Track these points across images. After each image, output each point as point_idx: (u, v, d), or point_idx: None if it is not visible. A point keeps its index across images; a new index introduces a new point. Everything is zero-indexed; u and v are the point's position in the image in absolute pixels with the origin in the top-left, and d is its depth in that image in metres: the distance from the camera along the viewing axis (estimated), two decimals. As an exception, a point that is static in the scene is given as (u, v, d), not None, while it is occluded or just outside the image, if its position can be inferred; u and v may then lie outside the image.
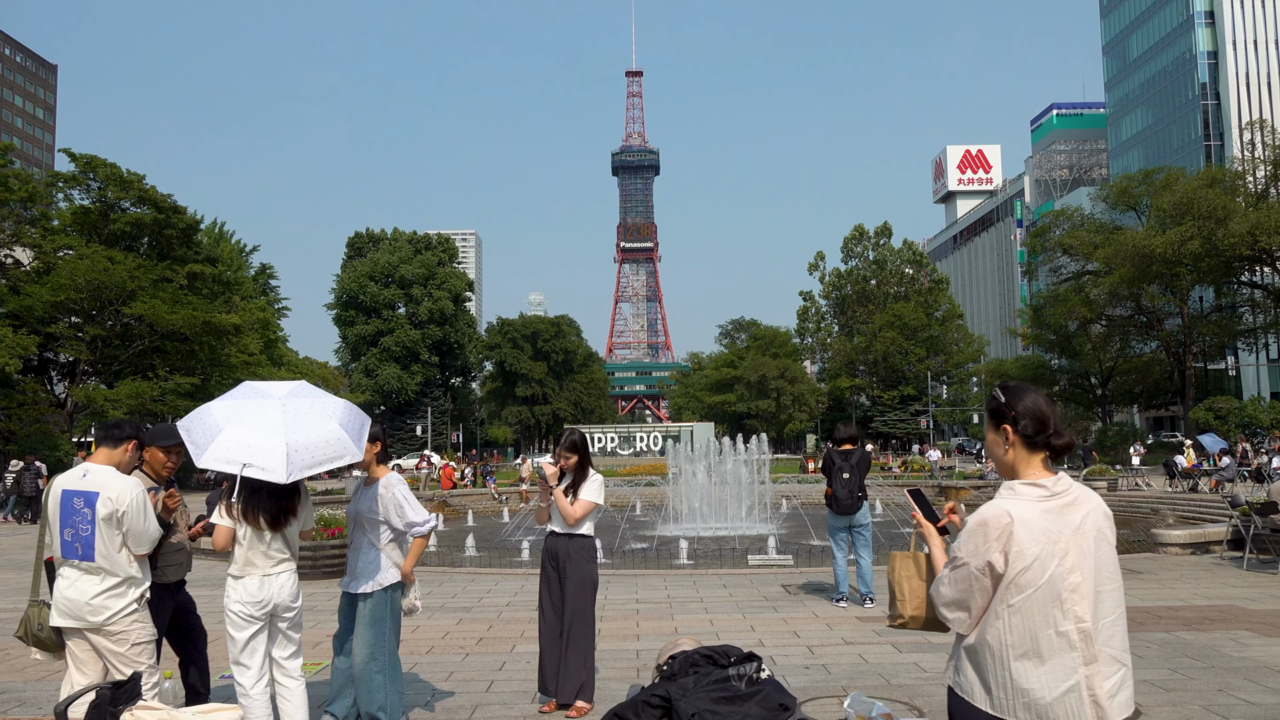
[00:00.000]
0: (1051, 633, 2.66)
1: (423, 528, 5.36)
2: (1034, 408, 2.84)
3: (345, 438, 4.76)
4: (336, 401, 5.13)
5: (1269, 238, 39.11)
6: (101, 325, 39.43)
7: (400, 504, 5.31)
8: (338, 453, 4.69)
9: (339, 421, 4.83)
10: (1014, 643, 2.67)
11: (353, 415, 5.07)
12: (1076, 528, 2.73)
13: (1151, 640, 7.91)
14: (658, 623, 9.12)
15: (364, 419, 5.17)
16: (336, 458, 4.70)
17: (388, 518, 5.33)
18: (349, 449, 4.74)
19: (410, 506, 5.35)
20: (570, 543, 6.23)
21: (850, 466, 9.67)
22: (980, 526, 2.74)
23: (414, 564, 5.42)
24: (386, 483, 5.37)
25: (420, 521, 5.36)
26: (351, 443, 4.78)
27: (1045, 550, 2.67)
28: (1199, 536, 13.57)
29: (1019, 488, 2.78)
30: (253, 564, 4.90)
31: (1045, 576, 2.66)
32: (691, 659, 3.75)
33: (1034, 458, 2.82)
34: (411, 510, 5.35)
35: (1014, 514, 2.70)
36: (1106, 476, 28.59)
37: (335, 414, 4.88)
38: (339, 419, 4.85)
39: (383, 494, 5.31)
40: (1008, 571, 2.67)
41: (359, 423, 5.07)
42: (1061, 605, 2.66)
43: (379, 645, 5.22)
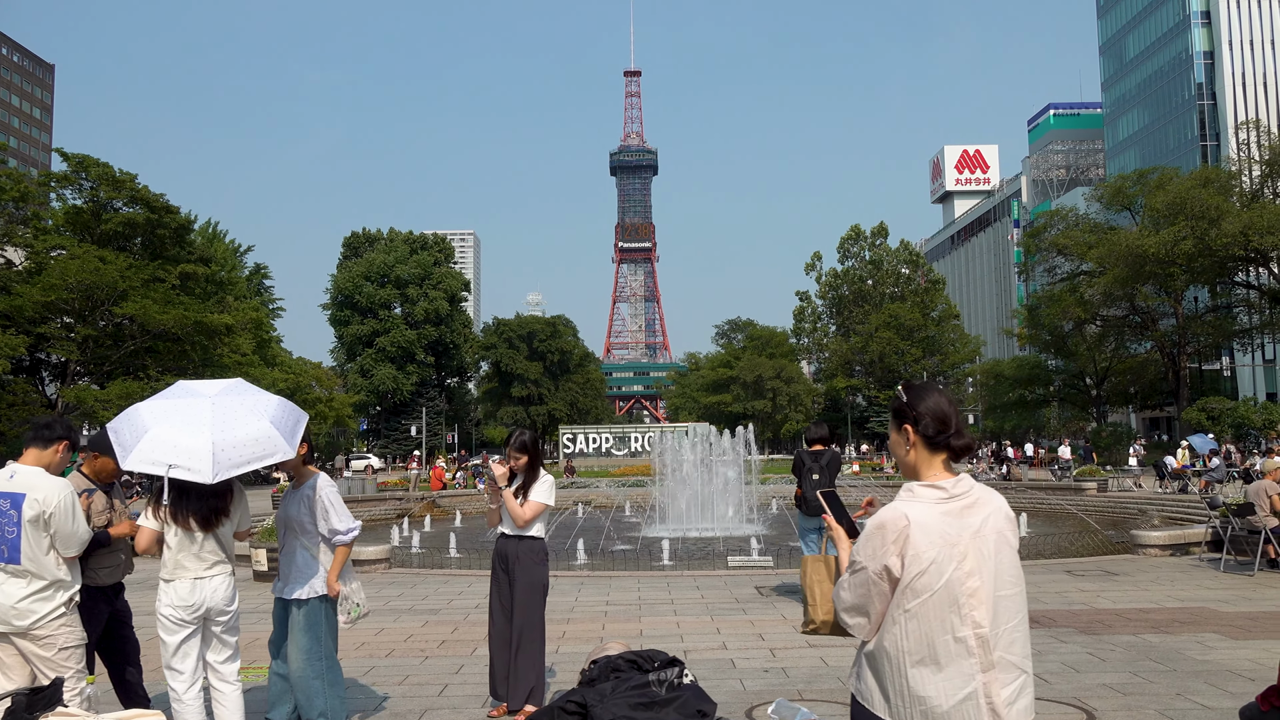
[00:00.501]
0: (949, 639, 2.59)
1: (345, 536, 5.21)
2: (936, 408, 2.77)
3: (275, 435, 4.68)
4: (270, 399, 5.05)
5: (1261, 238, 39.04)
6: (92, 325, 39.36)
7: (327, 507, 5.20)
8: (267, 451, 4.62)
9: (270, 419, 4.75)
10: (911, 649, 2.60)
11: (286, 412, 4.99)
12: (976, 531, 2.66)
13: (1117, 643, 7.84)
14: (624, 625, 9.04)
15: (299, 416, 5.08)
16: (266, 456, 4.63)
17: (316, 520, 5.24)
18: (279, 447, 4.66)
19: (335, 511, 5.22)
20: (520, 545, 6.14)
21: (820, 468, 9.60)
22: (878, 530, 2.67)
23: (337, 575, 5.22)
24: (315, 484, 5.27)
25: (344, 530, 5.20)
26: (283, 440, 4.70)
27: (943, 554, 2.60)
28: (1179, 538, 13.50)
29: (917, 489, 2.71)
30: (184, 567, 4.82)
31: (942, 581, 2.59)
32: (614, 664, 3.67)
33: (935, 459, 2.75)
34: (336, 515, 5.21)
35: (911, 516, 2.63)
36: (1096, 477, 28.52)
37: (267, 411, 4.81)
38: (270, 416, 4.77)
39: (311, 496, 5.21)
40: (904, 576, 2.61)
41: (293, 420, 4.99)
42: (959, 610, 2.59)
43: (315, 651, 5.13)
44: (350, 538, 5.24)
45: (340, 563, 5.23)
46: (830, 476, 9.64)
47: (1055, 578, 11.41)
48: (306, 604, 5.18)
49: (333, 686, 5.19)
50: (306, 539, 5.21)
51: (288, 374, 51.70)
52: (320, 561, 5.28)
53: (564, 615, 9.55)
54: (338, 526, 5.20)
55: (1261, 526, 11.39)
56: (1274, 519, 11.39)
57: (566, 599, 10.55)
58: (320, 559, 5.29)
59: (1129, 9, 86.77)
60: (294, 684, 5.12)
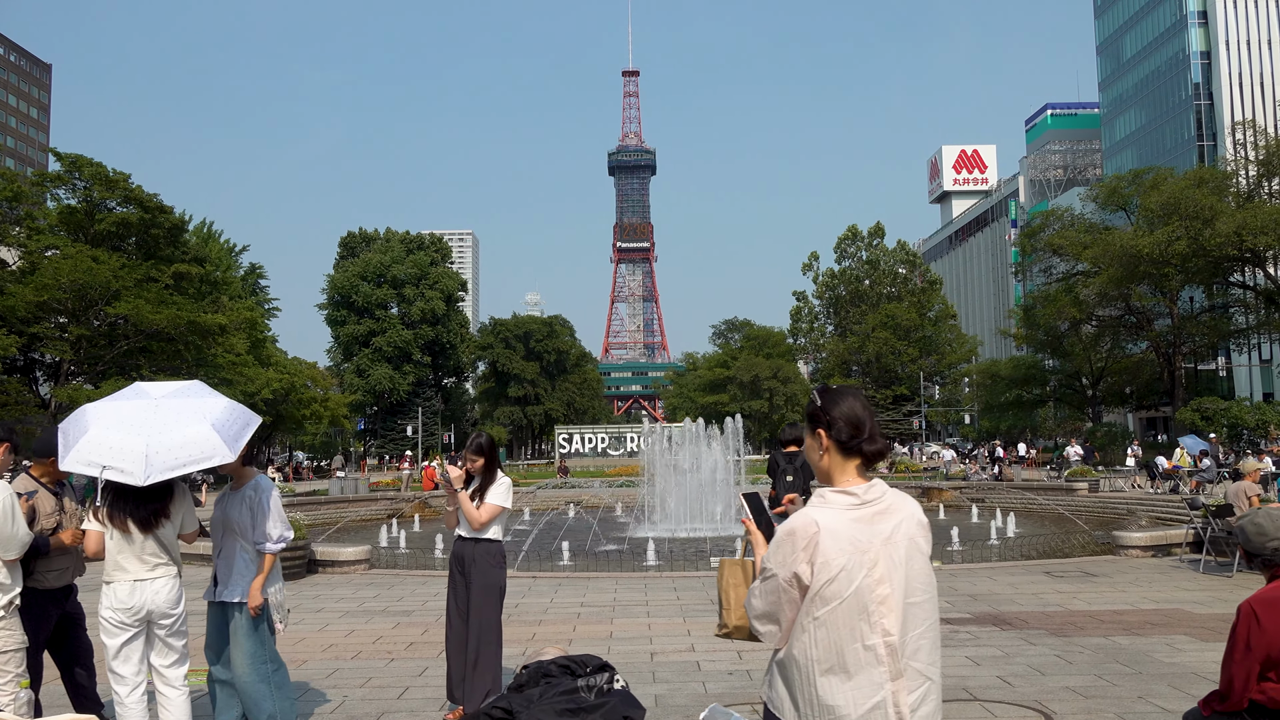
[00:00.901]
0: (858, 647, 2.56)
1: (275, 544, 5.11)
2: (850, 413, 2.73)
3: (214, 439, 4.63)
4: (218, 402, 5.01)
5: (1255, 238, 38.97)
6: (86, 325, 39.28)
7: (266, 511, 5.13)
8: (204, 454, 4.57)
9: (212, 422, 4.70)
10: (819, 657, 2.57)
11: (233, 416, 4.94)
12: (887, 537, 2.63)
13: (1086, 645, 7.81)
14: (596, 627, 9.01)
15: (247, 421, 5.03)
16: (202, 459, 4.58)
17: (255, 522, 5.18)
18: (218, 450, 4.61)
19: (273, 517, 5.13)
20: (477, 547, 6.10)
21: (795, 469, 9.53)
22: (788, 536, 2.63)
23: (261, 585, 5.08)
24: (257, 486, 5.21)
25: (275, 537, 5.11)
26: (223, 444, 4.65)
27: (853, 561, 2.56)
28: (1160, 539, 13.46)
29: (829, 495, 2.68)
30: (123, 569, 4.78)
31: (852, 588, 2.55)
32: (545, 669, 3.63)
33: (849, 464, 2.71)
34: (270, 521, 5.12)
35: (821, 523, 2.59)
36: (1088, 478, 28.48)
37: (209, 415, 4.76)
38: (212, 420, 4.73)
39: (253, 497, 5.15)
40: (813, 583, 2.57)
41: (239, 425, 4.94)
42: (869, 618, 2.56)
43: (260, 654, 5.07)
44: (280, 547, 5.15)
45: (267, 572, 5.11)
46: (805, 478, 9.57)
47: (1033, 579, 11.38)
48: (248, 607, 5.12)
49: (280, 689, 5.13)
50: (247, 541, 5.15)
51: (282, 374, 51.59)
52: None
53: (536, 617, 9.52)
54: (271, 532, 5.10)
55: (1240, 528, 11.34)
56: (1253, 520, 11.35)
57: (542, 600, 10.51)
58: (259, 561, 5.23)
59: (1126, 9, 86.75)
60: (240, 689, 5.06)
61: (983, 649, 7.73)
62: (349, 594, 11.18)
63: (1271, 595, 3.83)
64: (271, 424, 57.14)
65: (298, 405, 54.44)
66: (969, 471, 32.85)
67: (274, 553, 5.12)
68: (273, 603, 5.10)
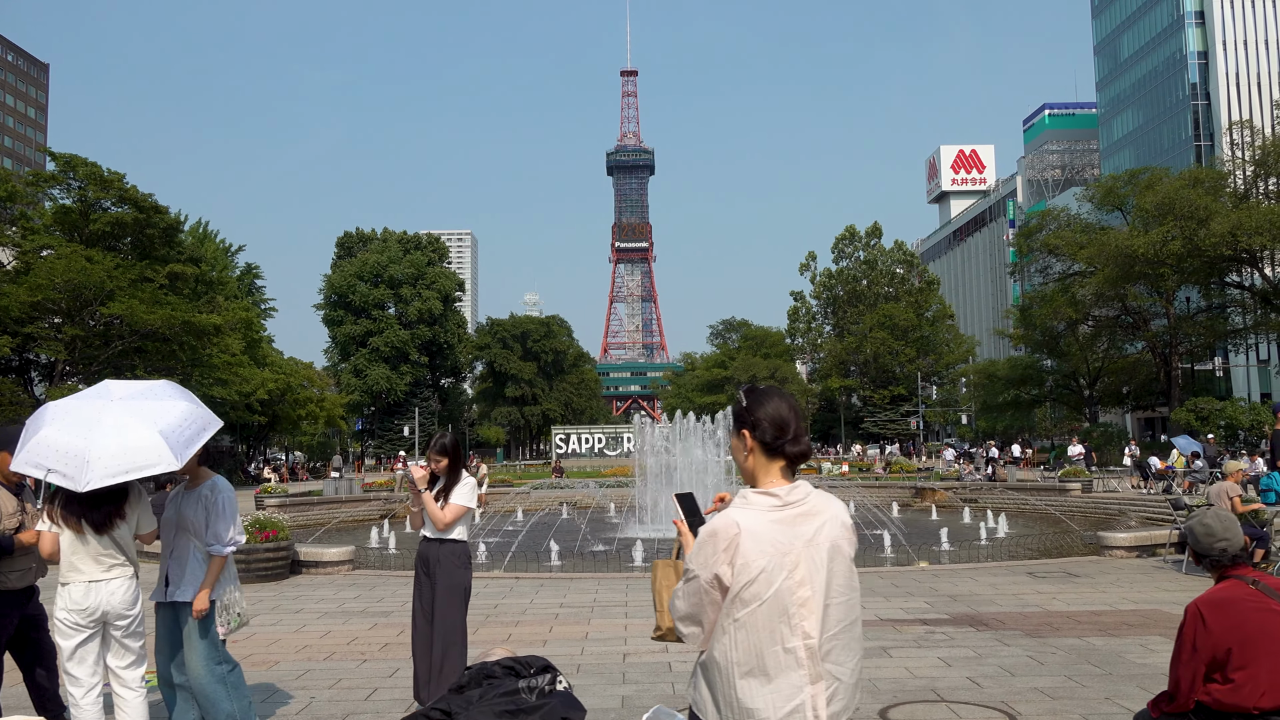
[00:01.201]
0: (778, 649, 2.54)
1: (225, 547, 5.05)
2: (775, 414, 2.72)
3: (161, 446, 4.56)
4: (176, 406, 4.94)
5: (1250, 238, 38.94)
6: (80, 325, 39.27)
7: (219, 512, 5.08)
8: (148, 461, 4.52)
9: (160, 429, 4.65)
10: (740, 659, 2.56)
11: (187, 422, 4.88)
12: (809, 539, 2.61)
13: (1060, 646, 7.79)
14: (572, 628, 8.99)
15: (203, 426, 4.96)
16: (145, 466, 4.53)
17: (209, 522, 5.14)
18: (163, 458, 4.55)
19: (226, 518, 5.08)
20: (442, 548, 6.10)
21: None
22: (710, 538, 2.62)
23: (210, 588, 5.02)
24: (214, 486, 5.18)
25: (226, 540, 5.05)
26: (169, 452, 4.58)
27: (773, 563, 2.55)
28: (1145, 539, 13.45)
29: (751, 496, 2.66)
30: (78, 569, 4.76)
31: (772, 590, 2.54)
32: (488, 670, 3.60)
33: (773, 465, 2.70)
34: (224, 523, 5.06)
35: (742, 524, 2.58)
36: (1081, 478, 28.44)
37: (160, 420, 4.70)
38: (161, 426, 4.67)
39: (209, 497, 5.11)
40: (733, 584, 2.56)
41: (193, 430, 4.88)
42: (789, 620, 2.55)
43: (214, 655, 5.04)
44: (231, 550, 5.10)
45: (215, 575, 5.05)
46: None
47: (1015, 579, 11.37)
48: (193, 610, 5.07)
49: (236, 689, 5.09)
50: (200, 541, 5.12)
51: (278, 374, 51.60)
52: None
53: (514, 618, 9.51)
54: (222, 534, 5.04)
55: (1222, 528, 11.33)
56: (1235, 521, 11.34)
57: (522, 601, 10.50)
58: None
59: (1123, 9, 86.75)
60: (196, 691, 5.02)
61: (956, 650, 7.72)
62: (330, 595, 11.17)
63: (1218, 596, 3.82)
64: (267, 424, 57.19)
65: (293, 405, 54.46)
66: (963, 472, 32.80)
67: (223, 554, 5.06)
68: (219, 605, 5.06)
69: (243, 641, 8.51)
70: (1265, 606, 3.74)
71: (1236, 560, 3.92)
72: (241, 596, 5.26)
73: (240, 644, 8.40)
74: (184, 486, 5.26)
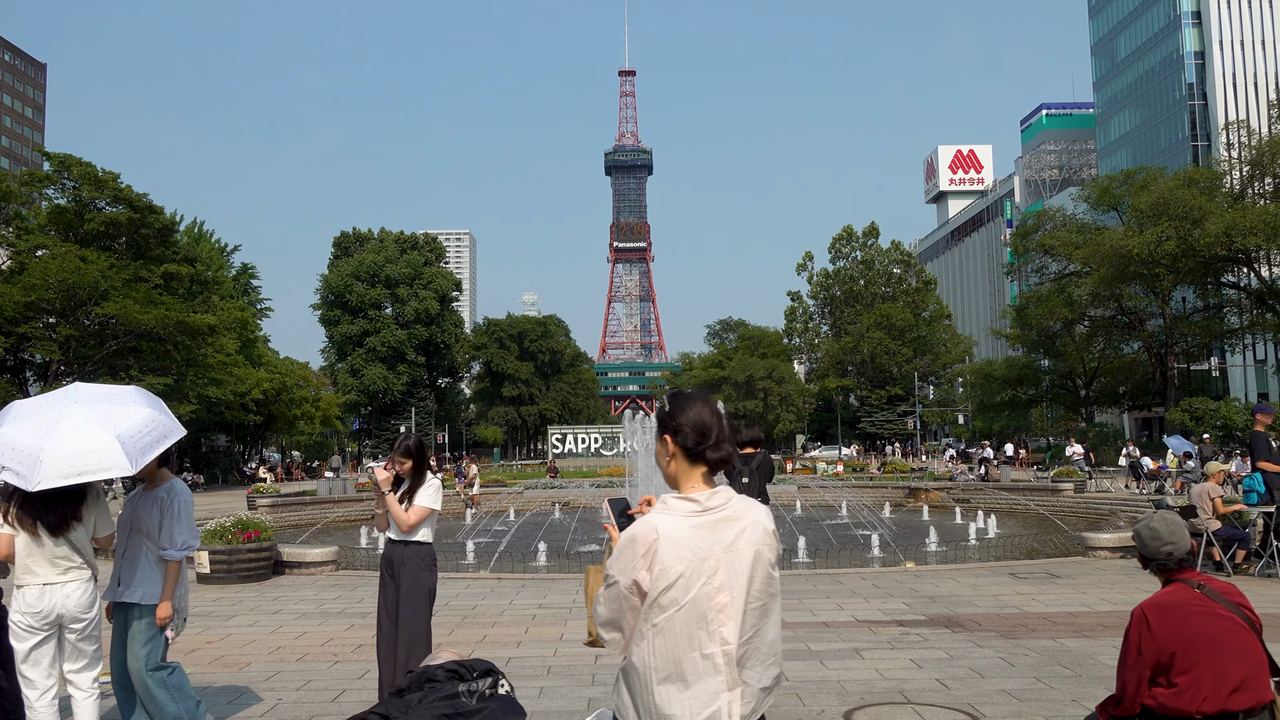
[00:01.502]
0: (696, 655, 2.53)
1: (179, 551, 5.04)
2: (697, 419, 2.71)
3: (116, 450, 4.56)
4: (140, 412, 4.93)
5: (1244, 238, 38.96)
6: (74, 325, 39.25)
7: (173, 515, 5.06)
8: (101, 465, 4.52)
9: (118, 433, 4.64)
10: (657, 665, 2.55)
11: (148, 429, 4.86)
12: (729, 545, 2.60)
13: (1032, 648, 7.79)
14: (548, 629, 8.98)
15: (165, 434, 4.94)
16: (98, 470, 4.52)
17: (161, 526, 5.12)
18: (117, 463, 4.54)
19: (179, 523, 5.06)
20: (406, 550, 6.08)
21: (750, 470, 9.49)
22: (630, 543, 2.61)
23: (170, 597, 5.00)
24: (171, 488, 5.17)
25: (180, 544, 5.03)
26: (124, 456, 4.57)
27: (691, 568, 2.54)
28: (1128, 540, 13.42)
29: (671, 501, 2.65)
30: (32, 572, 4.75)
31: (690, 596, 2.53)
32: (430, 673, 3.58)
33: (695, 470, 2.69)
34: (179, 527, 5.04)
35: (661, 529, 2.57)
36: (1074, 478, 28.44)
37: (119, 425, 4.70)
38: (120, 430, 4.66)
39: (165, 499, 5.09)
40: (651, 590, 2.55)
41: (153, 437, 4.85)
42: (707, 627, 2.54)
43: (155, 658, 5.01)
44: (184, 554, 5.08)
45: (174, 582, 5.03)
46: (762, 479, 9.54)
47: (997, 580, 11.36)
48: (150, 609, 5.06)
49: (179, 690, 5.04)
50: (153, 543, 5.10)
51: (273, 374, 51.56)
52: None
53: (491, 619, 9.50)
54: (176, 538, 5.02)
55: (1203, 529, 11.33)
56: (1216, 522, 11.34)
57: (501, 602, 10.49)
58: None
59: (1120, 9, 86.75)
60: (140, 693, 5.00)
61: (929, 651, 7.71)
62: (310, 595, 11.16)
63: (1164, 600, 3.81)
64: (263, 424, 57.16)
65: (289, 405, 54.42)
66: (955, 472, 32.78)
67: (177, 559, 5.04)
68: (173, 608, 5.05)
69: (217, 642, 8.51)
70: (1209, 610, 3.74)
71: (1182, 564, 3.91)
72: (186, 593, 5.27)
73: (214, 645, 8.41)
74: (142, 488, 5.24)
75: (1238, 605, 3.78)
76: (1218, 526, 11.29)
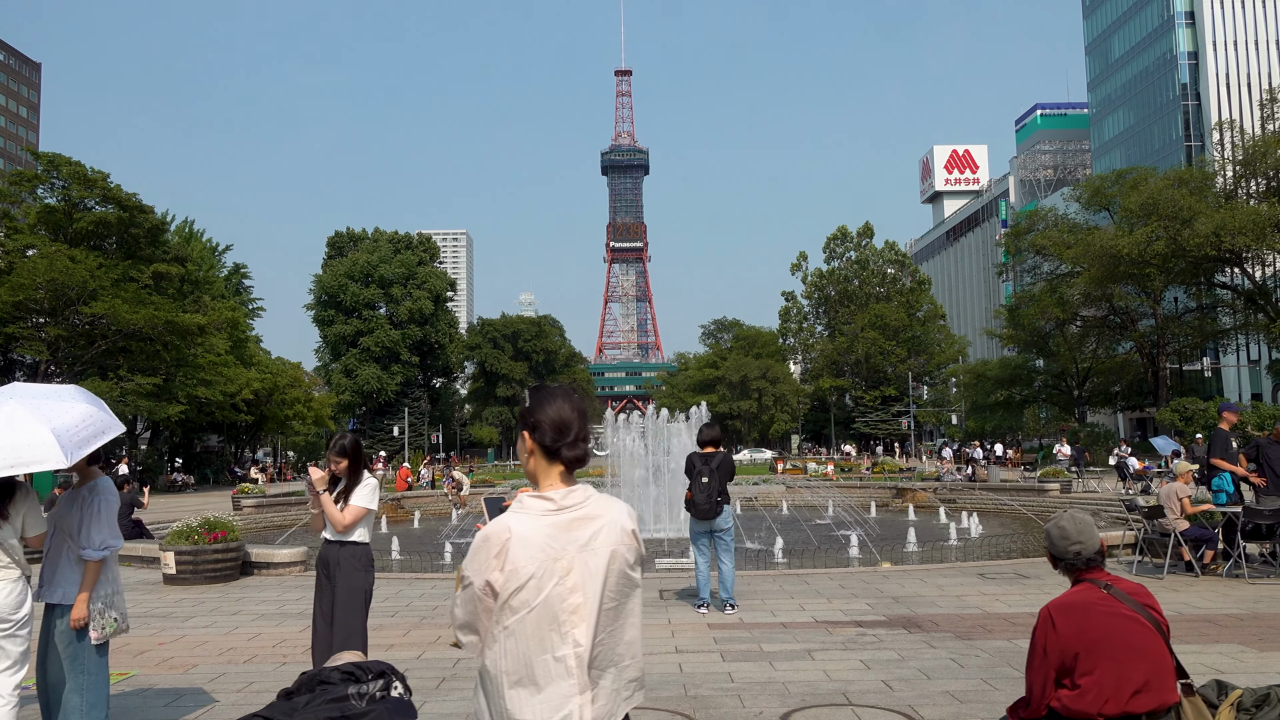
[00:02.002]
0: (548, 658, 2.48)
1: (96, 551, 4.93)
2: (556, 416, 2.66)
3: (50, 443, 4.50)
4: (77, 408, 4.86)
5: (1233, 238, 38.94)
6: (62, 325, 39.18)
7: (93, 514, 4.99)
8: (35, 457, 4.47)
9: (54, 427, 4.59)
10: (509, 669, 2.49)
11: (84, 424, 4.79)
12: (584, 544, 2.55)
13: (986, 649, 7.74)
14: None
15: (102, 430, 4.87)
16: (31, 462, 4.47)
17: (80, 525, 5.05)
18: (51, 455, 4.48)
19: (99, 522, 4.96)
20: (342, 550, 6.04)
21: (710, 470, 9.47)
22: (483, 543, 2.56)
23: (87, 597, 4.88)
24: (94, 487, 5.10)
25: (98, 544, 4.93)
26: (58, 449, 4.51)
27: (543, 569, 2.49)
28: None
29: (527, 501, 2.61)
30: (-45, 572, 4.68)
31: (541, 597, 2.48)
32: (324, 675, 3.54)
33: (553, 468, 2.64)
34: (98, 527, 4.95)
35: (514, 529, 2.52)
36: (1060, 479, 28.39)
37: (55, 420, 4.64)
38: (54, 425, 4.61)
39: (86, 499, 5.02)
40: (502, 591, 2.50)
41: (90, 432, 4.78)
42: (559, 628, 2.48)
43: (78, 663, 4.92)
44: (103, 555, 4.99)
45: (91, 582, 4.93)
46: (721, 479, 9.52)
47: (965, 580, 11.31)
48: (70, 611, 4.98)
49: (93, 709, 4.93)
50: (75, 542, 5.03)
51: (264, 374, 51.48)
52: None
53: (447, 621, 9.44)
54: (94, 538, 4.92)
55: (1171, 529, 11.29)
56: (1184, 522, 11.30)
57: (463, 603, 10.41)
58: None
59: (1114, 9, 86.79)
60: (51, 697, 4.92)
61: (881, 652, 7.66)
62: (274, 596, 11.10)
63: (1070, 600, 3.76)
64: (255, 424, 57.10)
65: (280, 405, 54.36)
66: (942, 472, 32.75)
67: (95, 560, 4.95)
68: (93, 609, 4.96)
69: (169, 644, 8.46)
70: (1115, 611, 3.69)
71: (1091, 564, 3.87)
72: (121, 600, 5.18)
73: (165, 646, 8.35)
74: (73, 487, 5.18)
75: (1145, 606, 3.74)
76: (1185, 527, 11.25)
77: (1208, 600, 9.89)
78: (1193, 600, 9.91)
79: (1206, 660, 7.27)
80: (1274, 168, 42.20)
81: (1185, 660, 7.29)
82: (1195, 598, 10.05)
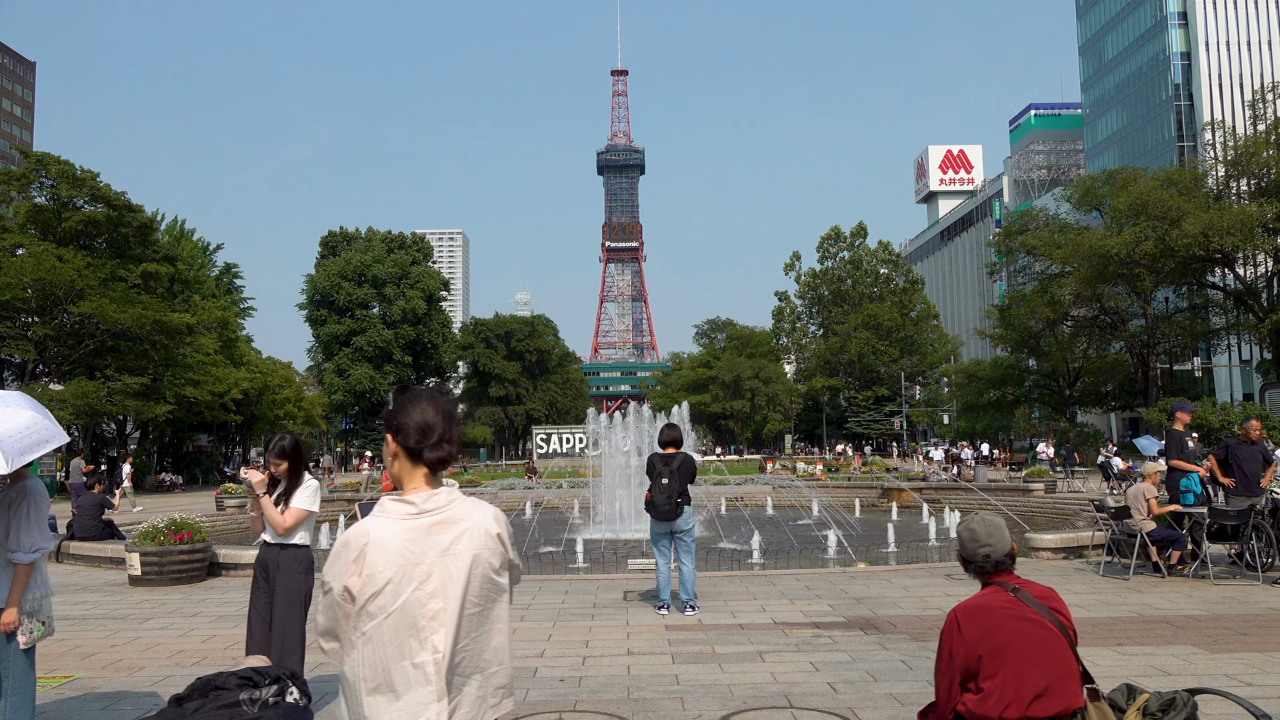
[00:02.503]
0: (407, 665, 2.45)
1: (27, 554, 4.84)
2: (420, 418, 2.64)
3: None
4: (21, 415, 4.81)
5: (1222, 239, 38.98)
6: (50, 324, 39.09)
7: (23, 516, 4.89)
8: None
9: None
10: (367, 675, 2.47)
11: (29, 431, 4.72)
12: (445, 549, 2.52)
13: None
14: (462, 631, 8.87)
15: (45, 439, 4.80)
16: None
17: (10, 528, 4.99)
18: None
19: (28, 524, 4.87)
20: (283, 553, 6.00)
21: (670, 471, 9.44)
22: (343, 548, 2.54)
23: (17, 602, 4.81)
24: (24, 489, 5.03)
25: (29, 546, 4.85)
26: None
27: (401, 573, 2.46)
28: (1070, 540, 13.41)
29: (387, 504, 2.58)
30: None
31: (399, 602, 2.46)
32: (219, 680, 3.50)
33: (416, 471, 2.62)
34: (28, 529, 4.86)
35: (372, 533, 2.50)
36: (1045, 478, 28.38)
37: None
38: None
39: (15, 500, 4.96)
40: (359, 597, 2.47)
41: (30, 440, 4.71)
42: (418, 634, 2.46)
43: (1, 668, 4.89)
44: (33, 557, 4.91)
45: (22, 586, 4.85)
46: (682, 480, 9.49)
47: (931, 581, 11.29)
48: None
49: (17, 712, 4.86)
50: (3, 546, 4.97)
51: (254, 373, 51.40)
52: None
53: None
54: (24, 541, 4.84)
55: (1138, 530, 11.28)
56: (1151, 523, 11.29)
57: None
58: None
59: (1107, 10, 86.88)
60: None
61: (833, 654, 7.63)
62: (237, 598, 11.05)
63: (976, 604, 3.74)
64: (245, 424, 56.97)
65: (271, 405, 54.26)
66: (928, 472, 32.74)
67: (26, 563, 4.90)
68: (22, 614, 4.91)
69: (121, 646, 8.41)
70: (1021, 615, 3.66)
71: (1000, 566, 3.84)
72: (49, 604, 5.13)
73: (117, 649, 8.31)
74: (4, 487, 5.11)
75: (1051, 610, 3.71)
76: (1153, 528, 11.24)
77: (1170, 601, 9.88)
78: (1155, 601, 9.89)
79: (1156, 662, 7.26)
80: (1262, 167, 42.25)
81: (1136, 662, 7.30)
82: (1158, 599, 10.04)
